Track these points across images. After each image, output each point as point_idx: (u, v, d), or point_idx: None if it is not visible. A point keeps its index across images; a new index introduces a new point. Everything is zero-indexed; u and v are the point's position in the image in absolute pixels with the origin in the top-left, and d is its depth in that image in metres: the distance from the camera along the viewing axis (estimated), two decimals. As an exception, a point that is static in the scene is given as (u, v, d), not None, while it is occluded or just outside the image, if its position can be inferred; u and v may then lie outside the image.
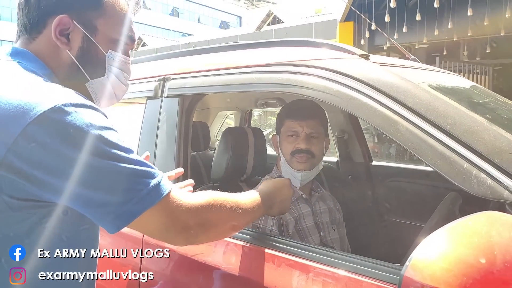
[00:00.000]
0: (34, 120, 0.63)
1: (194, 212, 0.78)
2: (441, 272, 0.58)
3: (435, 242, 0.62)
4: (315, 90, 1.04)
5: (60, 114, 0.65)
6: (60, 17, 0.78)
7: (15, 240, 0.70)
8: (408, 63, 1.45)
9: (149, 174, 0.71)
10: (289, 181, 1.17)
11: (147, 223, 0.72)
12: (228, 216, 0.87)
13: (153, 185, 0.71)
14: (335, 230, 1.49)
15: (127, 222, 0.69)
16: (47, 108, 0.64)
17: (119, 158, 0.68)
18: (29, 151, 0.64)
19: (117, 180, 0.68)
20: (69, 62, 0.81)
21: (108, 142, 0.68)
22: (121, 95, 0.90)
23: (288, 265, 0.98)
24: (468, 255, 0.59)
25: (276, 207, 1.09)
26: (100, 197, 0.67)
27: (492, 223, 0.63)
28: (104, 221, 0.69)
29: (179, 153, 1.30)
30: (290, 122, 1.42)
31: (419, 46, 8.26)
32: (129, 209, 0.68)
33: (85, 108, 0.68)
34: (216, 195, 0.85)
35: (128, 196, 0.68)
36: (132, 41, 0.88)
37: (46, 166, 0.65)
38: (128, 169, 0.69)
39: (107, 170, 0.67)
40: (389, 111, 0.93)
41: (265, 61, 1.20)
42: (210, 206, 0.81)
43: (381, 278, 0.84)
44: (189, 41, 16.34)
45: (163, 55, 1.67)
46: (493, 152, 0.80)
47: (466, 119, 0.87)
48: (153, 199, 0.70)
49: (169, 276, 1.18)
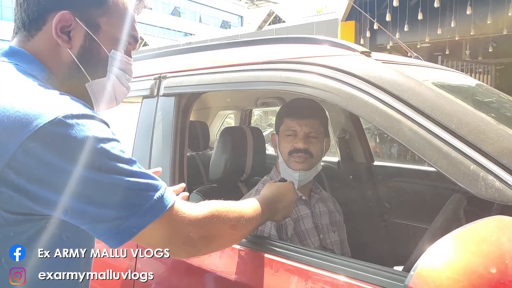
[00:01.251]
0: (33, 134, 0.60)
1: (198, 225, 0.76)
2: (448, 282, 0.55)
3: (442, 249, 0.58)
4: (315, 88, 1.01)
5: (60, 128, 0.62)
6: (62, 13, 0.74)
7: (15, 240, 0.68)
8: (411, 60, 1.42)
9: (152, 187, 0.69)
10: (293, 185, 1.16)
11: (150, 237, 0.71)
12: (231, 228, 0.85)
13: (156, 198, 0.69)
14: (335, 232, 1.46)
15: (129, 237, 0.68)
16: (46, 121, 0.61)
17: (121, 171, 0.66)
18: (28, 167, 0.61)
19: (119, 194, 0.66)
20: (69, 61, 0.77)
21: (110, 155, 0.66)
22: (121, 98, 0.87)
23: (287, 270, 0.95)
24: (477, 264, 0.55)
25: (280, 213, 1.08)
26: (101, 212, 0.65)
27: (502, 229, 0.59)
28: (106, 236, 0.67)
29: (175, 153, 1.27)
30: (289, 121, 1.39)
31: (421, 45, 8.24)
32: (132, 224, 0.67)
33: (86, 119, 0.65)
34: (220, 205, 0.83)
35: (130, 211, 0.66)
36: (136, 41, 0.86)
37: (47, 182, 0.62)
38: (130, 183, 0.67)
39: (109, 184, 0.65)
40: (392, 110, 0.89)
41: (264, 59, 1.17)
42: (213, 218, 0.79)
43: (384, 285, 0.81)
44: (190, 40, 16.33)
45: (160, 53, 1.64)
46: (501, 153, 0.76)
47: (472, 118, 0.83)
48: (156, 212, 0.69)
49: (167, 281, 1.15)
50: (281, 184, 1.14)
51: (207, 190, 1.60)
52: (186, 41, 16.89)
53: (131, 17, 0.83)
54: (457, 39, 7.90)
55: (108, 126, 0.70)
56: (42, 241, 0.71)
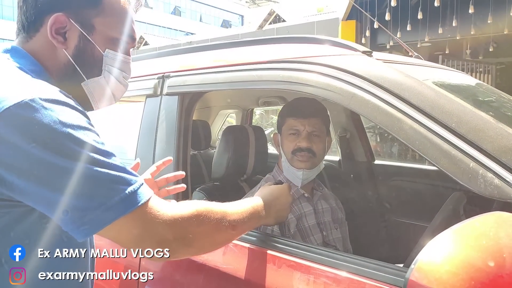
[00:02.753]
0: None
1: (174, 225, 0.71)
2: (447, 276, 0.56)
3: (442, 244, 0.59)
4: (317, 87, 1.02)
5: (26, 110, 0.61)
6: (56, 15, 0.76)
7: (16, 240, 0.68)
8: (412, 60, 1.43)
9: (124, 181, 0.66)
10: (288, 187, 1.12)
11: (118, 233, 0.67)
12: (212, 230, 0.79)
13: (127, 193, 0.66)
14: (337, 229, 1.47)
15: (95, 229, 0.65)
16: (12, 103, 0.61)
17: (90, 161, 0.64)
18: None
19: (85, 183, 0.63)
20: (65, 61, 0.79)
21: (79, 142, 0.64)
22: (119, 95, 0.88)
23: (289, 266, 0.96)
24: (476, 258, 0.56)
25: (272, 217, 1.03)
26: (66, 201, 0.62)
27: (500, 224, 0.60)
28: (70, 227, 0.64)
29: (178, 152, 1.28)
30: (292, 120, 1.40)
31: (422, 45, 8.23)
32: (98, 216, 0.63)
33: (57, 105, 0.64)
34: (201, 206, 0.78)
35: (97, 202, 0.63)
36: (133, 39, 0.86)
37: (10, 165, 0.62)
38: (100, 173, 0.64)
39: (75, 172, 0.63)
40: (393, 109, 0.91)
41: (266, 58, 1.19)
42: (192, 218, 0.75)
43: (385, 280, 0.82)
44: (190, 40, 16.33)
45: (163, 52, 1.66)
46: (500, 151, 0.77)
47: (472, 117, 0.85)
48: (126, 207, 0.65)
49: (169, 277, 1.16)
50: (274, 187, 1.09)
51: (209, 189, 1.61)
52: (187, 40, 16.88)
53: (128, 17, 0.83)
54: (458, 39, 7.90)
55: (86, 116, 0.69)
56: (41, 241, 0.70)
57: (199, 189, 1.60)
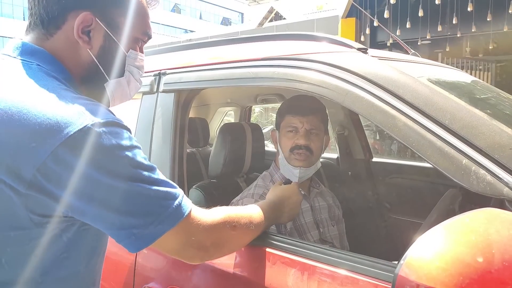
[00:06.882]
0: (63, 142, 0.62)
1: (211, 231, 0.79)
2: (437, 271, 0.56)
3: (431, 240, 0.60)
4: (312, 84, 1.02)
5: (89, 136, 0.64)
6: (84, 14, 0.75)
7: (36, 241, 0.69)
8: (407, 57, 1.43)
9: (170, 195, 0.72)
10: (297, 187, 1.21)
11: (166, 243, 0.73)
12: (241, 233, 0.89)
13: (174, 207, 0.71)
14: (334, 226, 1.48)
15: (148, 243, 0.70)
16: (76, 129, 0.63)
17: (143, 179, 0.68)
18: (58, 173, 0.63)
19: (141, 202, 0.68)
20: (89, 61, 0.78)
21: (134, 163, 0.68)
22: (134, 93, 0.89)
23: (284, 263, 0.96)
24: (465, 253, 0.56)
25: (286, 215, 1.15)
26: (123, 220, 0.67)
27: (490, 220, 0.60)
28: (125, 242, 0.70)
29: (174, 149, 1.28)
30: (290, 117, 1.40)
31: (422, 42, 8.22)
32: (150, 231, 0.69)
33: (113, 127, 0.67)
34: (232, 212, 0.87)
35: (150, 219, 0.69)
36: (149, 38, 0.86)
37: (74, 188, 0.64)
38: (152, 191, 0.69)
39: (132, 192, 0.67)
40: (387, 106, 0.91)
41: (262, 55, 1.18)
42: (226, 224, 0.83)
43: (378, 277, 0.82)
44: (190, 37, 16.30)
45: (159, 49, 1.65)
46: (493, 148, 0.77)
47: (465, 114, 0.85)
48: (174, 220, 0.71)
49: (165, 275, 1.16)
50: (285, 187, 1.19)
51: (206, 186, 1.61)
52: (186, 37, 16.84)
53: (147, 15, 0.84)
54: (458, 36, 7.88)
55: (130, 132, 0.71)
56: (83, 246, 0.74)
57: (195, 186, 1.60)
